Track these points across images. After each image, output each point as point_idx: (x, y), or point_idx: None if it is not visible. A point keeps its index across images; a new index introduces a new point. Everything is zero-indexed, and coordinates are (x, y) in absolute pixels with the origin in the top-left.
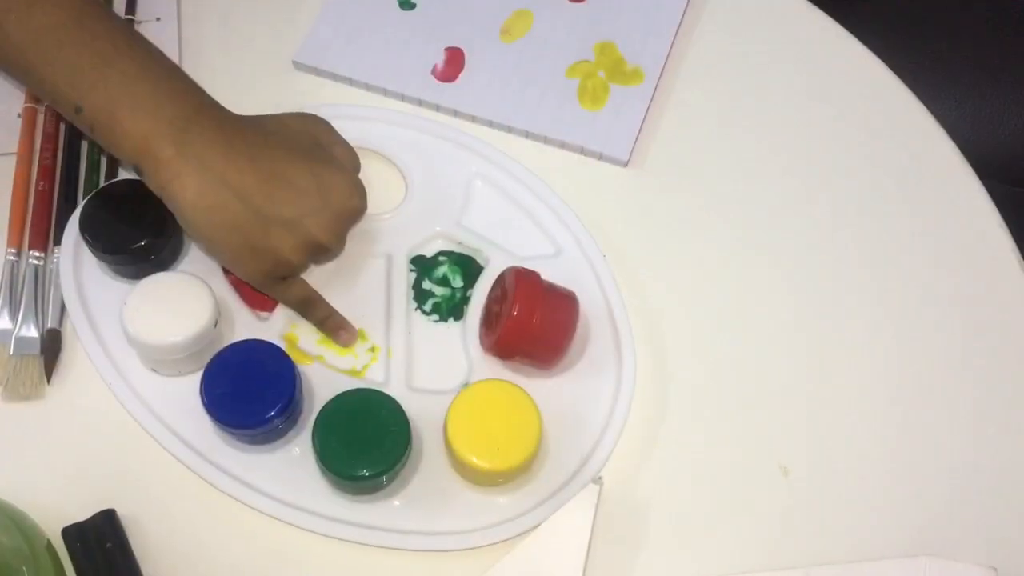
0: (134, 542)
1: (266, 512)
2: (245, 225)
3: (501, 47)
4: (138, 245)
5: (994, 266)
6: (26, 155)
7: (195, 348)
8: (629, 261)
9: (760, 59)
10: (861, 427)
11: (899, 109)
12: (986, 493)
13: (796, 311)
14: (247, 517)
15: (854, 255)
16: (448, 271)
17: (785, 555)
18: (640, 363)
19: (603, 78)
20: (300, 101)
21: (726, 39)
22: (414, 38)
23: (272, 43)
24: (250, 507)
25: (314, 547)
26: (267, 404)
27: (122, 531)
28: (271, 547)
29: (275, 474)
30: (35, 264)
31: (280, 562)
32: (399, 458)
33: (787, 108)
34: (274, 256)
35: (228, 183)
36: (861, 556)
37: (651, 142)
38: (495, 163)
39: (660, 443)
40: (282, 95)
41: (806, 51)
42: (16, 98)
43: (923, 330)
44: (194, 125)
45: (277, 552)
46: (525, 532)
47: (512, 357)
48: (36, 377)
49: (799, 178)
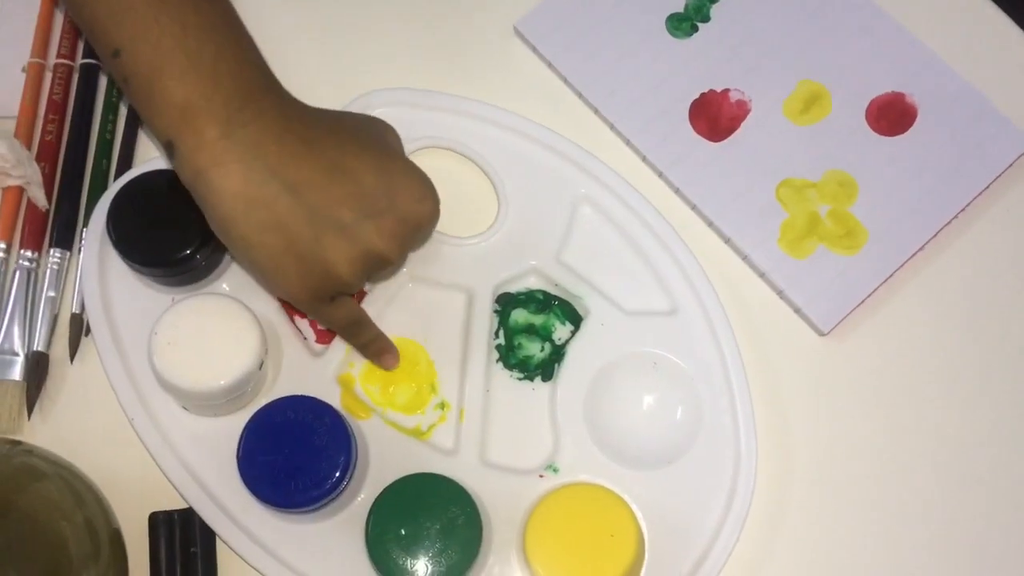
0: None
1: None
2: (293, 225)
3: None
4: (183, 255)
5: None
6: (27, 124)
7: (235, 394)
8: (759, 330)
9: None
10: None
11: None
12: None
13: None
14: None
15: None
16: (543, 319)
17: None
18: (762, 453)
19: (827, 225)
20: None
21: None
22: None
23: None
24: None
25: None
26: (313, 482)
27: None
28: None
29: (316, 551)
30: (27, 267)
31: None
32: (466, 566)
33: None
34: (323, 268)
35: (279, 174)
36: None
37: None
38: (608, 187)
39: (782, 548)
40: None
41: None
42: (22, 46)
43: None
44: (251, 105)
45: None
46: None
47: None
48: (15, 409)
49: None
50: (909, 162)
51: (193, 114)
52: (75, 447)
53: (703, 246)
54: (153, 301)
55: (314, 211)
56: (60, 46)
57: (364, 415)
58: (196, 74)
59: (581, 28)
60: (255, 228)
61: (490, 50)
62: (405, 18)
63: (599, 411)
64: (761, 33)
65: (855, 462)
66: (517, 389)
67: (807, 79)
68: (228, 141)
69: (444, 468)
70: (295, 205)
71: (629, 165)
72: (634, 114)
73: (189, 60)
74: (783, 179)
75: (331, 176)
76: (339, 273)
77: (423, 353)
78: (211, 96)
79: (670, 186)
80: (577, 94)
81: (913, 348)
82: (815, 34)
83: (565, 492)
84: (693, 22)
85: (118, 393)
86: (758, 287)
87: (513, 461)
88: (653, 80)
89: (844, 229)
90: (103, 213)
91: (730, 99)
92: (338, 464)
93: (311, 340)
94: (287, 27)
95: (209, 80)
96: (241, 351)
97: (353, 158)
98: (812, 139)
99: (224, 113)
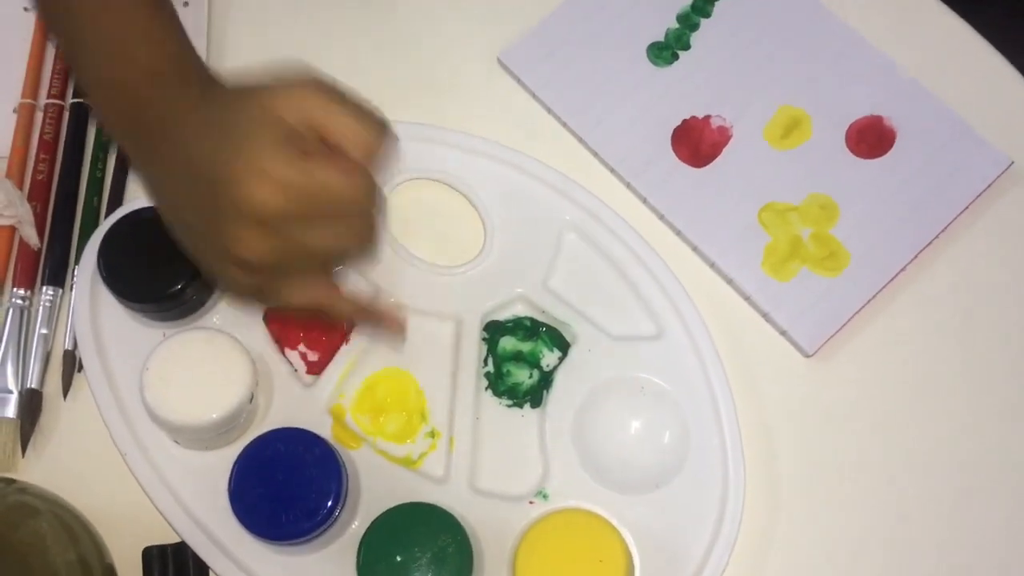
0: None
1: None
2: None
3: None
4: (174, 290)
5: None
6: (19, 164)
7: (226, 427)
8: (744, 352)
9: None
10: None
11: None
12: None
13: (936, 445)
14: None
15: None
16: (531, 346)
17: None
18: (750, 475)
19: (809, 248)
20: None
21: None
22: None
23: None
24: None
25: None
26: (305, 513)
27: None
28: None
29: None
30: (20, 305)
31: None
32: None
33: None
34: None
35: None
36: None
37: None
38: (594, 214)
39: (772, 571)
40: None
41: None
42: (13, 87)
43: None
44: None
45: None
46: None
47: None
48: (10, 446)
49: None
50: (889, 184)
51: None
52: (68, 483)
53: (688, 270)
54: (145, 336)
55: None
56: (51, 86)
57: (355, 445)
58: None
59: (564, 58)
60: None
61: (475, 82)
62: (390, 51)
63: (587, 436)
64: (740, 60)
65: (842, 482)
66: (506, 416)
67: (787, 104)
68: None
69: (435, 496)
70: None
71: (614, 192)
72: (618, 142)
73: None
74: (765, 203)
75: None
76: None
77: (413, 382)
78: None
79: (654, 212)
80: (561, 123)
81: (897, 368)
82: (794, 60)
83: (554, 518)
84: (674, 50)
85: (110, 428)
86: (743, 310)
87: (503, 488)
88: (636, 108)
89: (826, 251)
90: (94, 250)
91: (711, 125)
92: (329, 495)
93: (301, 372)
94: (270, 58)
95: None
96: (232, 384)
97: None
98: (793, 163)
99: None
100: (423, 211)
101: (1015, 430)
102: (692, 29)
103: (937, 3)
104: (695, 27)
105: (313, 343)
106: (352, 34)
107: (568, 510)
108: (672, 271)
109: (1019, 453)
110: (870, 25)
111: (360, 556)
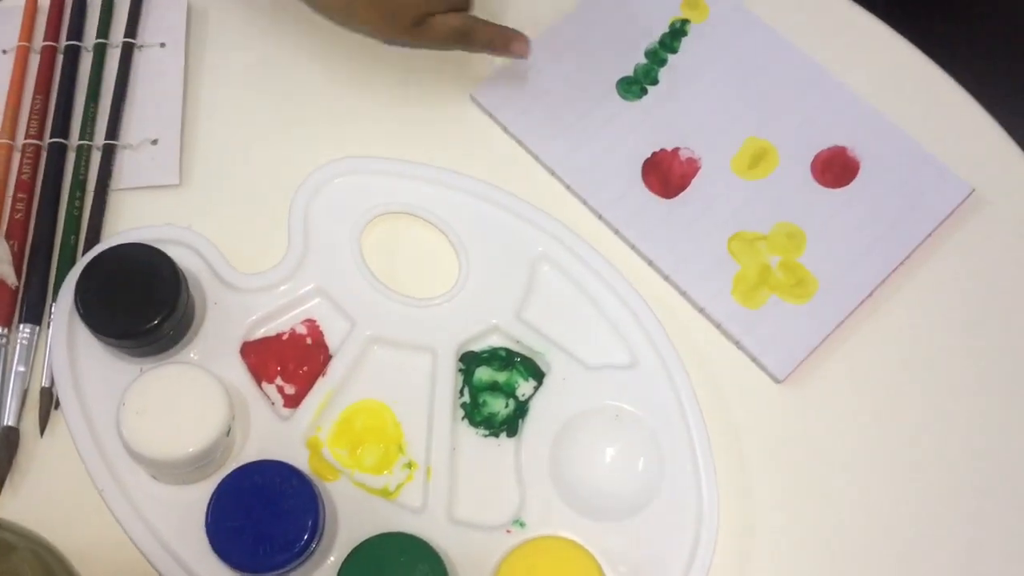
0: None
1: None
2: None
3: (731, 178)
4: (150, 326)
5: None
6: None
7: (203, 461)
8: (717, 379)
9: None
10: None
11: None
12: None
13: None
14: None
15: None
16: (506, 376)
17: None
18: (724, 500)
19: (778, 276)
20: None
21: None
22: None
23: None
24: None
25: None
26: (282, 546)
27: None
28: None
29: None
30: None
31: None
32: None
33: None
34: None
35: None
36: None
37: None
38: (566, 246)
39: None
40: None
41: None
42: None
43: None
44: None
45: None
46: None
47: None
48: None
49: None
50: (854, 212)
51: None
52: (46, 520)
53: (660, 300)
54: (122, 372)
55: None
56: (28, 127)
57: (332, 477)
58: None
59: (535, 94)
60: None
61: (447, 118)
62: (365, 89)
63: (563, 464)
64: (707, 94)
65: (814, 505)
66: (483, 446)
67: (753, 136)
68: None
69: (412, 527)
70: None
71: (586, 224)
72: (589, 174)
73: None
74: (734, 232)
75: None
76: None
77: (390, 414)
78: None
79: (626, 243)
80: (534, 157)
81: (867, 392)
82: (759, 93)
83: (531, 546)
84: (643, 85)
85: (87, 464)
86: (715, 338)
87: (480, 517)
88: (606, 141)
89: (795, 279)
90: (71, 287)
91: (680, 157)
92: (306, 527)
93: (279, 405)
94: (247, 100)
95: None
96: (208, 418)
97: None
98: (760, 193)
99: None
100: (398, 244)
101: (983, 452)
102: (660, 64)
103: (893, 33)
104: (663, 62)
105: (290, 376)
106: (328, 72)
107: (545, 538)
108: (645, 300)
109: (987, 475)
110: (833, 57)
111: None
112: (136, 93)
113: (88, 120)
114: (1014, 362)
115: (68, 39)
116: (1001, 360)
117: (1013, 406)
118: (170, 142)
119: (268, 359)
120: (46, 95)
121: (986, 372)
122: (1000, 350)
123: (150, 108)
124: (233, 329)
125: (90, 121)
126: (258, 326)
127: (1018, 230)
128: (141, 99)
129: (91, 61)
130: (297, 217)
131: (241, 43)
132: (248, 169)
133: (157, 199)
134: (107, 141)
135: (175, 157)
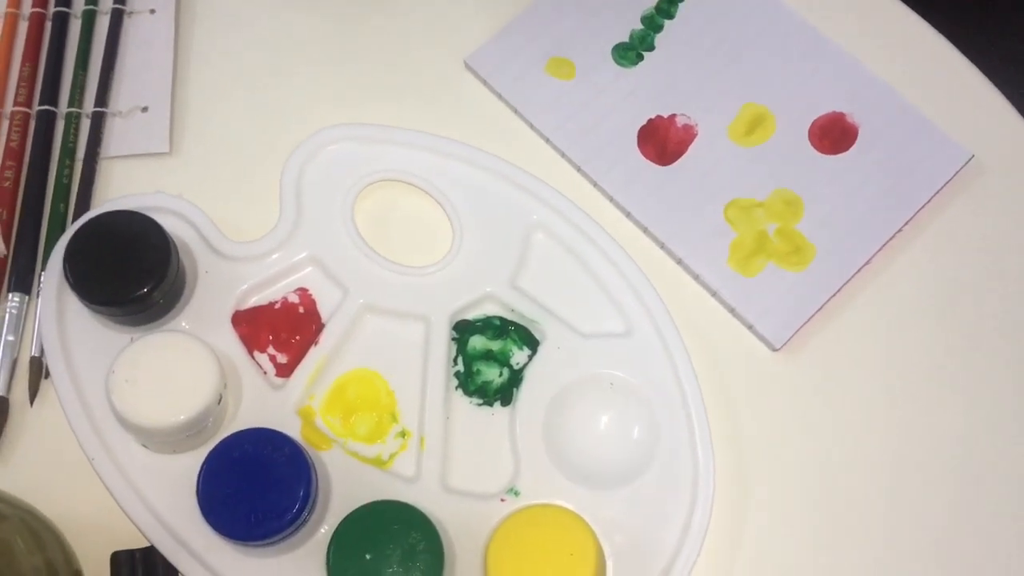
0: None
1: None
2: None
3: (728, 144)
4: (140, 293)
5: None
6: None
7: (194, 429)
8: (713, 347)
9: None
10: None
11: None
12: None
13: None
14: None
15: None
16: (500, 344)
17: None
18: (719, 468)
19: (775, 243)
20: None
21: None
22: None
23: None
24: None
25: None
26: (274, 514)
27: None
28: None
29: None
30: None
31: None
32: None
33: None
34: None
35: None
36: None
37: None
38: (561, 213)
39: (742, 563)
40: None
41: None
42: None
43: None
44: None
45: None
46: None
47: None
48: None
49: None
50: (853, 179)
51: None
52: (35, 489)
53: (656, 268)
54: (112, 341)
55: None
56: (17, 94)
57: (325, 446)
58: None
59: (530, 60)
60: None
61: (441, 85)
62: (359, 56)
63: (558, 433)
64: (704, 60)
65: (811, 474)
66: (477, 415)
67: (751, 102)
68: None
69: (406, 496)
70: None
71: (581, 191)
72: (584, 141)
73: None
74: (731, 199)
75: None
76: None
77: (383, 383)
78: None
79: (621, 210)
80: (528, 124)
81: (863, 360)
82: (756, 59)
83: (525, 514)
84: (638, 51)
85: (77, 433)
86: (711, 306)
87: (474, 486)
88: (602, 108)
89: (792, 246)
90: (60, 255)
91: (677, 124)
92: (298, 496)
93: (271, 374)
94: (238, 67)
95: None
96: (199, 386)
97: None
98: (758, 160)
99: None
100: (391, 212)
101: (985, 419)
102: (656, 30)
103: (895, 1)
104: (659, 28)
105: (282, 345)
106: (320, 39)
107: (539, 506)
108: (640, 268)
109: (989, 442)
110: (831, 23)
111: (330, 553)
112: (125, 60)
113: (77, 87)
114: (1012, 329)
115: (56, 5)
116: (999, 327)
117: (1012, 372)
118: (160, 110)
119: (260, 328)
120: (35, 62)
121: (984, 339)
122: (998, 317)
123: (140, 75)
124: (225, 298)
125: (79, 88)
126: (250, 295)
127: (1018, 197)
128: (131, 66)
129: (80, 28)
130: (289, 185)
131: (232, 9)
132: (239, 136)
133: (147, 167)
134: (96, 109)
135: (165, 125)
